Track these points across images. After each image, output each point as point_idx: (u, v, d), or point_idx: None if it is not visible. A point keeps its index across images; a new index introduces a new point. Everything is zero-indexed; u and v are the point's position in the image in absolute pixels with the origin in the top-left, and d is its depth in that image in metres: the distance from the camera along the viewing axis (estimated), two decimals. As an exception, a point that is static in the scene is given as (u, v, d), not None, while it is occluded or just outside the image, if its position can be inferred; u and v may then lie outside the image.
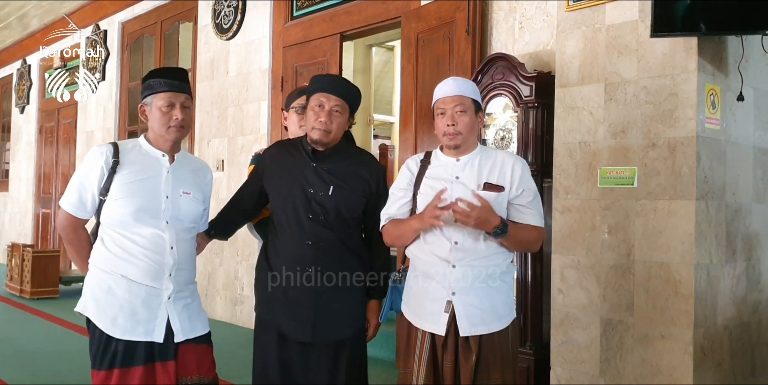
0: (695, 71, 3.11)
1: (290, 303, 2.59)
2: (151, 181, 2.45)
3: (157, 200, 2.43)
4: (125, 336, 2.36)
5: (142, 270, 2.39)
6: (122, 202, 2.38)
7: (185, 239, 2.50)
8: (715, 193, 3.21)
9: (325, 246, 2.59)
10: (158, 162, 2.49)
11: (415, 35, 4.73)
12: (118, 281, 2.38)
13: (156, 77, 2.50)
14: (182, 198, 2.49)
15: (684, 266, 3.11)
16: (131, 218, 2.38)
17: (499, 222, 2.30)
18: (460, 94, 2.45)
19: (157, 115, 2.46)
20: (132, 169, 2.43)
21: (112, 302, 2.38)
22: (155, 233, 2.40)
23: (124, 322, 2.36)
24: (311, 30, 5.85)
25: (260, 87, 6.32)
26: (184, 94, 2.50)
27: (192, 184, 2.55)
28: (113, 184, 2.40)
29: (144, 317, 2.38)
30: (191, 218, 2.54)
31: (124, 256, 2.39)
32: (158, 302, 2.40)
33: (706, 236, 3.15)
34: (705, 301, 3.14)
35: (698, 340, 3.10)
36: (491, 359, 2.37)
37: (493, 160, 2.47)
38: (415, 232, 2.43)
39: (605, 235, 3.38)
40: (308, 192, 2.60)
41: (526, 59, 4.00)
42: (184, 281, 2.50)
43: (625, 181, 3.31)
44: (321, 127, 2.59)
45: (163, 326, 2.40)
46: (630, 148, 3.30)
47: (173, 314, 2.42)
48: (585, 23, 3.50)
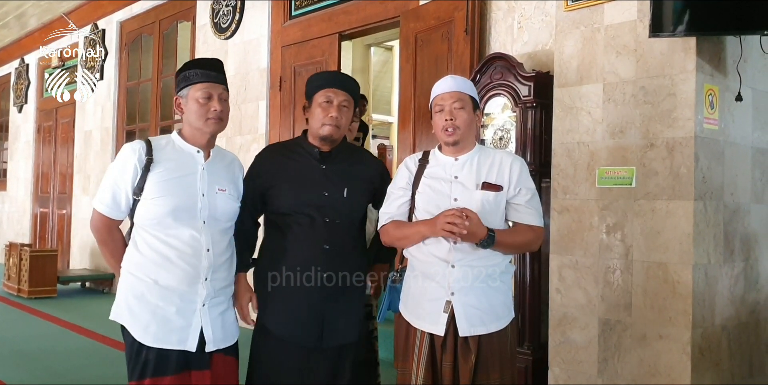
0: (693, 71, 3.11)
1: (298, 308, 2.53)
2: (186, 179, 2.36)
3: (194, 198, 2.34)
4: (157, 344, 2.28)
5: (176, 275, 2.30)
6: (158, 201, 2.30)
7: (222, 240, 2.42)
8: (714, 193, 3.21)
9: (340, 250, 2.55)
10: (193, 158, 2.40)
11: (413, 35, 4.72)
12: (151, 287, 2.30)
13: (192, 68, 2.42)
14: (218, 195, 2.40)
15: (682, 266, 3.11)
16: (169, 217, 2.30)
17: (485, 234, 2.30)
18: (459, 90, 2.46)
19: (194, 107, 2.38)
20: (167, 167, 2.34)
21: (145, 309, 2.30)
22: (192, 234, 2.32)
23: (157, 330, 2.28)
24: (310, 29, 5.85)
25: (258, 87, 6.31)
26: (222, 86, 2.43)
27: (227, 180, 2.46)
28: (147, 182, 2.31)
29: (177, 324, 2.30)
30: (228, 217, 2.45)
31: (157, 260, 2.31)
32: (192, 309, 2.32)
33: (704, 236, 3.15)
34: (703, 301, 3.14)
35: (696, 340, 3.10)
36: (490, 359, 2.36)
37: (492, 160, 2.47)
38: (422, 237, 2.41)
39: (603, 235, 3.38)
40: (323, 195, 2.55)
41: (525, 59, 4.00)
42: (220, 285, 2.41)
43: (624, 182, 3.31)
44: (332, 122, 2.55)
45: (197, 334, 2.32)
46: (628, 148, 3.30)
47: (207, 321, 2.34)
48: (584, 23, 3.50)
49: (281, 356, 2.54)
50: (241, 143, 6.42)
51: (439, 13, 4.53)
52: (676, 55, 3.16)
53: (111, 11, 8.72)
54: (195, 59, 2.58)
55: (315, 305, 2.52)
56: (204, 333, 2.33)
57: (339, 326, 2.55)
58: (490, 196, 2.39)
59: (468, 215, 2.26)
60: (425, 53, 4.63)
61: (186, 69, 2.43)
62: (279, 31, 6.17)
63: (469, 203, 2.37)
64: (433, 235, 2.36)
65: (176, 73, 2.48)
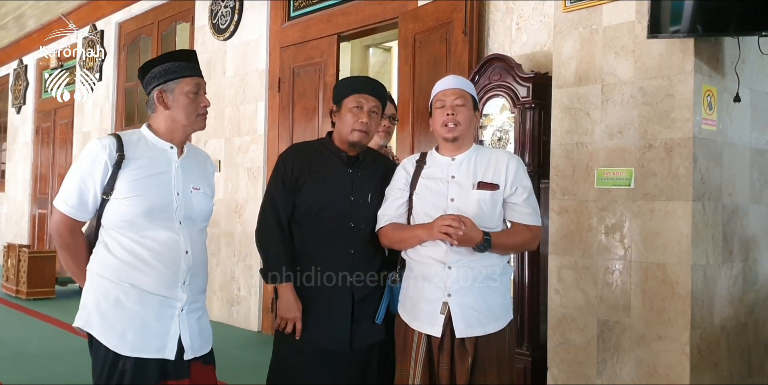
0: (692, 72, 3.11)
1: (326, 312, 2.51)
2: (161, 177, 2.21)
3: (169, 197, 2.20)
4: (135, 353, 2.13)
5: (154, 278, 2.15)
6: (131, 201, 2.14)
7: (199, 242, 2.29)
8: (712, 194, 3.22)
9: (363, 254, 2.55)
10: (166, 155, 2.25)
11: (412, 36, 4.73)
12: (128, 292, 2.14)
13: (176, 60, 2.26)
14: (193, 194, 2.27)
15: (681, 267, 3.11)
16: (143, 218, 2.15)
17: (481, 238, 2.30)
18: (460, 88, 2.47)
19: (183, 101, 2.23)
20: (140, 165, 2.18)
21: (121, 316, 2.13)
22: (169, 235, 2.18)
23: (135, 337, 2.13)
24: (308, 31, 5.85)
25: (257, 88, 6.31)
26: (204, 80, 2.32)
27: (200, 178, 2.34)
28: (119, 181, 2.15)
29: (156, 331, 2.15)
30: (204, 217, 2.33)
31: (133, 262, 2.15)
32: (171, 315, 2.18)
33: (702, 236, 3.15)
34: (702, 302, 3.14)
35: (695, 341, 3.10)
36: (487, 360, 2.36)
37: (488, 159, 2.47)
38: (420, 241, 2.41)
39: (602, 236, 3.38)
40: (350, 200, 2.54)
41: (523, 60, 4.00)
42: (198, 289, 2.28)
43: (622, 182, 3.31)
44: (362, 128, 2.54)
45: (175, 341, 2.18)
46: (627, 149, 3.30)
47: (185, 327, 2.20)
48: (582, 24, 3.50)
49: (310, 359, 2.51)
50: (240, 144, 6.42)
51: (438, 14, 4.54)
52: (675, 56, 3.17)
53: (110, 12, 8.72)
54: (178, 51, 2.41)
55: (342, 308, 2.51)
56: (182, 340, 2.19)
57: (367, 328, 2.54)
58: (487, 195, 2.39)
59: (463, 221, 2.26)
60: (424, 54, 4.63)
61: (166, 61, 2.26)
62: (278, 32, 6.17)
63: (465, 203, 2.38)
64: (430, 238, 2.36)
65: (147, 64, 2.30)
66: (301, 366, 2.52)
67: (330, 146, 2.63)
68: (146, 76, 2.28)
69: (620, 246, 3.31)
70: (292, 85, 5.94)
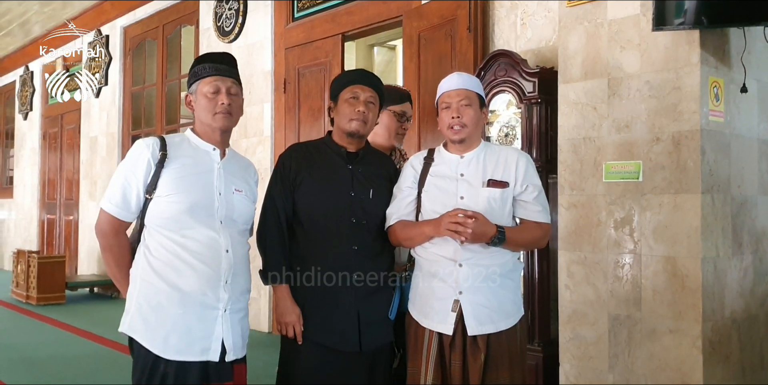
0: (698, 64, 3.10)
1: (331, 311, 2.48)
2: (203, 176, 2.23)
3: (211, 196, 2.21)
4: (178, 356, 2.13)
5: (196, 278, 2.15)
6: (174, 198, 2.15)
7: (240, 243, 2.28)
8: (721, 186, 3.20)
9: (368, 251, 2.51)
10: (209, 156, 2.28)
11: (416, 34, 4.73)
12: (170, 295, 2.14)
13: (201, 63, 2.31)
14: (235, 196, 2.28)
15: (691, 260, 3.09)
16: (186, 215, 2.15)
17: (495, 231, 2.29)
18: (465, 88, 2.45)
19: (202, 101, 2.27)
20: (182, 163, 2.20)
21: (164, 320, 2.13)
22: (209, 234, 2.17)
23: (178, 341, 2.13)
24: (313, 31, 5.85)
25: (263, 89, 6.32)
26: (231, 79, 2.32)
27: (243, 181, 2.35)
28: (161, 179, 2.16)
29: (199, 334, 2.15)
30: (245, 219, 2.33)
31: (175, 263, 2.15)
32: (214, 316, 2.17)
33: (712, 229, 3.14)
34: (712, 294, 3.13)
35: (706, 334, 3.09)
36: (500, 357, 2.35)
37: (498, 157, 2.46)
38: (427, 238, 2.40)
39: (611, 230, 3.37)
40: (350, 196, 2.51)
41: (529, 56, 3.99)
42: (240, 289, 2.27)
43: (631, 176, 3.30)
44: (359, 117, 2.51)
45: (219, 342, 2.17)
46: (634, 142, 3.29)
47: (227, 329, 2.19)
48: (587, 18, 3.49)
49: (317, 360, 2.47)
50: (247, 146, 6.43)
51: (442, 11, 4.54)
52: (681, 49, 3.16)
53: (114, 17, 8.75)
54: (205, 54, 2.45)
55: (348, 307, 2.47)
56: (225, 342, 2.19)
57: (375, 329, 2.51)
58: (497, 193, 2.38)
59: (474, 216, 2.25)
60: (429, 52, 4.63)
61: (196, 64, 2.33)
62: (282, 34, 6.18)
63: (475, 201, 2.37)
64: (438, 235, 2.35)
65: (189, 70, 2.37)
66: (309, 367, 2.48)
67: (329, 143, 2.61)
68: None
69: (630, 240, 3.30)
70: (297, 86, 5.95)
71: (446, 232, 2.28)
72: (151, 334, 2.14)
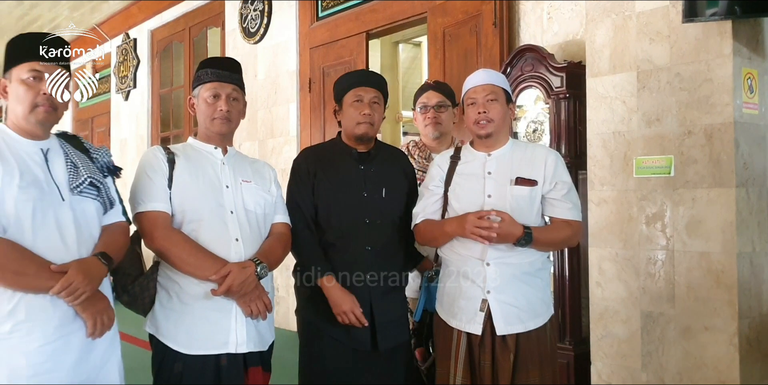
0: (730, 55, 3.03)
1: None
2: (209, 170, 2.32)
3: (218, 190, 2.28)
4: (194, 350, 2.18)
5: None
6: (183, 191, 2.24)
7: (252, 232, 2.31)
8: (756, 179, 3.13)
9: (382, 251, 2.53)
10: (211, 154, 2.37)
11: (441, 30, 4.69)
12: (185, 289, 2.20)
13: (204, 68, 2.37)
14: (243, 186, 2.34)
15: (726, 256, 3.03)
16: (195, 203, 2.23)
17: (522, 232, 2.25)
18: (491, 83, 2.43)
19: (202, 107, 2.35)
20: (188, 162, 2.30)
21: (180, 315, 2.20)
22: (218, 224, 2.23)
23: (194, 336, 2.18)
24: (337, 30, 5.85)
25: (289, 89, 6.33)
26: (232, 85, 2.36)
27: (251, 174, 2.41)
28: (173, 177, 2.25)
29: (215, 328, 2.19)
30: (258, 206, 2.35)
31: None
32: (228, 309, 2.21)
33: (747, 223, 3.07)
34: (749, 290, 3.06)
35: (743, 331, 3.02)
36: (529, 357, 2.33)
37: (526, 154, 2.43)
38: (450, 238, 2.39)
39: (643, 226, 3.31)
40: (363, 196, 2.54)
41: (556, 50, 3.94)
42: None
43: (662, 171, 3.24)
44: (366, 119, 2.54)
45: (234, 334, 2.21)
46: (665, 136, 3.23)
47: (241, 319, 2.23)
48: (614, 11, 3.43)
49: (334, 357, 2.50)
50: (273, 146, 6.45)
51: (467, 7, 4.50)
52: (712, 40, 3.09)
53: (142, 20, 8.83)
54: (209, 58, 2.53)
55: (363, 307, 2.48)
56: (237, 333, 2.22)
57: (391, 328, 2.53)
58: (525, 191, 2.35)
59: (500, 215, 2.22)
60: (454, 48, 4.60)
61: (199, 69, 2.39)
62: (307, 33, 6.18)
63: (502, 199, 2.34)
64: (461, 235, 2.33)
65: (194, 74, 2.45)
66: (328, 366, 2.50)
67: (340, 145, 2.64)
68: None
69: (662, 236, 3.24)
70: (322, 85, 5.95)
71: (471, 235, 2.26)
72: (166, 331, 2.21)
